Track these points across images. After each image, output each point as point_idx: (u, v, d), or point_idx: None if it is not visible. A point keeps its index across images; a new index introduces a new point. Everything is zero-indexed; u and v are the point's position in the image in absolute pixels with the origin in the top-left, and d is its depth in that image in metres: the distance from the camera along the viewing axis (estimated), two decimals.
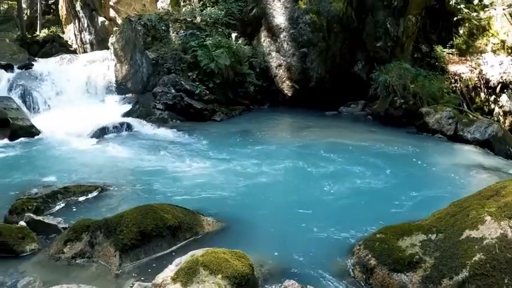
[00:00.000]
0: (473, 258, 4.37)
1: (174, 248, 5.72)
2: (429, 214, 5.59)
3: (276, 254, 5.60)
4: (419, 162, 10.08)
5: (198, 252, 4.72)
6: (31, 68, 17.87)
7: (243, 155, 10.39)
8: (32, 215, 6.47)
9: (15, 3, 30.09)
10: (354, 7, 16.53)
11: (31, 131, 12.92)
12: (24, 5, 30.99)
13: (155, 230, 5.61)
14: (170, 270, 4.58)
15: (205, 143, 11.74)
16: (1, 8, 34.09)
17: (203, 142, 11.81)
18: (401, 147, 11.56)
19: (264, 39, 17.16)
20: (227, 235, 6.17)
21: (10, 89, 16.09)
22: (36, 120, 13.76)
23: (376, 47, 16.37)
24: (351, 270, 5.25)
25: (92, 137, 12.62)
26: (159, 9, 20.29)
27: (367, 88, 15.75)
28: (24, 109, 14.84)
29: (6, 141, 12.39)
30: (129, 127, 13.39)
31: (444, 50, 16.49)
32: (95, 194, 7.85)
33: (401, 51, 16.45)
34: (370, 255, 5.10)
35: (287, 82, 16.68)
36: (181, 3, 19.15)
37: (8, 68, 17.71)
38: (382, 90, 14.85)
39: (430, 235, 4.99)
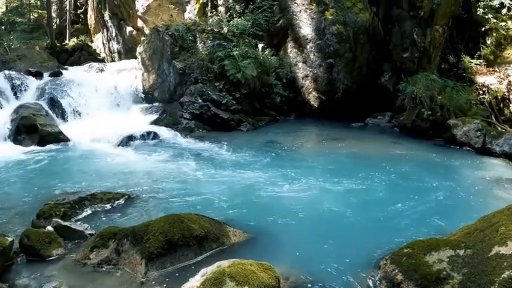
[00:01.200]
0: (502, 276, 4.30)
1: (200, 258, 5.73)
2: (457, 229, 5.53)
3: (301, 266, 5.57)
4: (446, 176, 9.90)
5: (225, 263, 4.73)
6: (60, 76, 18.16)
7: (269, 165, 10.38)
8: (59, 220, 6.56)
9: (45, 12, 30.55)
10: (380, 18, 16.52)
11: (59, 138, 13.14)
12: (53, 14, 31.47)
13: (181, 240, 5.64)
14: (196, 281, 4.60)
15: (232, 153, 11.74)
16: (31, 17, 34.56)
17: (229, 152, 11.82)
18: (428, 160, 11.43)
19: (291, 49, 17.14)
20: (253, 246, 6.16)
21: (39, 96, 16.34)
22: (64, 127, 13.92)
23: (402, 58, 16.28)
24: (377, 284, 5.21)
25: (119, 144, 12.78)
26: (187, 19, 20.39)
27: (394, 99, 15.58)
28: (53, 116, 15.06)
29: (34, 147, 12.64)
30: (156, 136, 13.52)
31: (472, 60, 16.33)
32: (121, 201, 7.92)
33: (428, 62, 16.34)
34: (396, 270, 5.05)
35: (313, 93, 16.61)
36: (209, 14, 19.23)
37: (38, 75, 18.04)
38: (409, 101, 14.72)
39: (458, 251, 4.92)
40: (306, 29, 16.47)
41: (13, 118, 13.75)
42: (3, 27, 31.49)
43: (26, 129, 13.15)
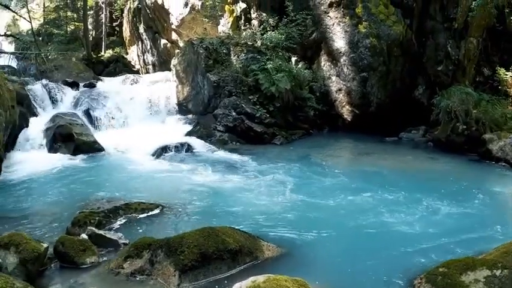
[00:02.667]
0: None
1: (233, 271, 5.72)
2: (493, 248, 5.44)
3: (335, 283, 5.55)
4: (482, 193, 9.70)
5: (260, 279, 4.71)
6: (96, 87, 18.48)
7: (303, 180, 10.35)
8: (93, 228, 6.63)
9: (82, 24, 31.02)
10: (414, 30, 16.39)
11: (94, 147, 13.36)
12: (90, 26, 31.93)
13: (216, 253, 5.65)
14: None
15: (265, 166, 11.72)
16: (68, 29, 35.12)
17: (263, 165, 11.80)
18: (463, 176, 11.26)
19: (324, 63, 17.10)
20: (287, 261, 6.13)
21: (75, 106, 16.67)
22: (99, 137, 14.12)
23: (437, 71, 16.14)
24: None
25: (153, 155, 12.90)
26: (220, 32, 20.54)
27: (428, 113, 15.44)
28: (88, 125, 15.29)
29: (70, 155, 12.87)
30: (189, 147, 13.62)
31: (507, 72, 15.99)
32: (155, 212, 8.00)
33: (462, 75, 16.14)
34: None
35: (347, 107, 16.53)
36: (242, 27, 19.32)
37: (74, 85, 18.37)
38: (444, 115, 14.54)
39: (494, 271, 4.85)
40: (340, 42, 16.43)
41: (49, 126, 13.98)
42: (41, 39, 32.00)
43: (62, 137, 13.38)
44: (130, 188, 9.56)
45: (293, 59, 16.82)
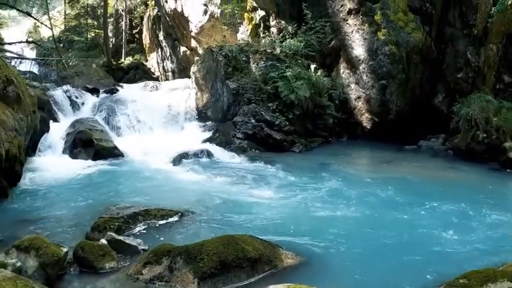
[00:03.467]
0: None
1: (252, 279, 5.69)
2: None
3: None
4: (502, 203, 9.55)
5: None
6: (116, 93, 18.64)
7: (322, 187, 10.27)
8: (113, 234, 6.62)
9: (102, 31, 31.30)
10: (433, 37, 16.27)
11: (114, 153, 13.47)
12: (110, 34, 32.22)
13: (235, 261, 5.63)
14: None
15: (284, 174, 11.65)
16: (88, 36, 35.44)
17: (282, 173, 11.74)
18: (483, 186, 11.11)
19: (343, 70, 17.04)
20: (306, 270, 6.08)
21: (96, 112, 16.84)
22: (119, 143, 14.22)
23: (456, 78, 16.02)
24: None
25: (172, 162, 12.91)
26: (239, 40, 20.61)
27: (448, 121, 15.32)
28: (108, 131, 15.39)
29: (90, 160, 12.99)
30: (208, 154, 13.65)
31: None
32: (174, 218, 7.96)
33: (482, 82, 16.01)
34: None
35: (366, 114, 16.47)
36: (261, 35, 19.38)
37: (95, 91, 18.56)
38: (464, 123, 14.37)
39: None
40: (359, 49, 16.37)
41: (70, 132, 14.15)
42: (61, 45, 32.32)
43: (82, 143, 13.53)
44: (150, 194, 9.56)
45: (312, 66, 16.78)
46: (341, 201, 9.23)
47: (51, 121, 14.88)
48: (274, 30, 19.06)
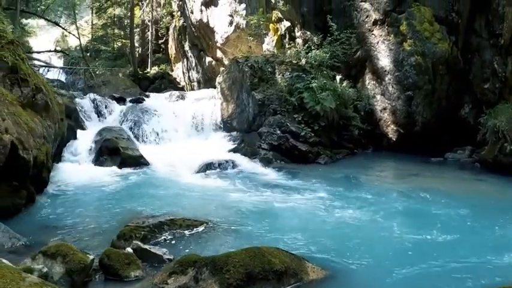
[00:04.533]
0: None
1: None
2: None
3: None
4: None
5: None
6: (142, 102, 18.80)
7: (348, 200, 10.12)
8: (139, 242, 6.63)
9: (128, 41, 31.65)
10: (459, 47, 16.08)
11: (140, 161, 13.53)
12: (136, 43, 32.54)
13: (261, 273, 5.57)
14: None
15: (310, 186, 11.52)
16: (115, 46, 35.83)
17: (307, 185, 11.61)
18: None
19: (369, 81, 16.95)
20: (331, 284, 6.02)
21: (122, 120, 17.06)
22: (144, 151, 14.28)
23: (483, 89, 15.74)
24: None
25: (197, 172, 12.93)
26: (265, 51, 20.65)
27: (475, 133, 15.12)
28: (134, 140, 15.56)
29: (115, 168, 13.06)
30: (234, 165, 13.60)
31: None
32: (200, 229, 7.92)
33: (509, 92, 15.57)
34: None
35: (392, 126, 16.33)
36: (286, 46, 19.40)
37: (121, 100, 18.75)
38: (491, 135, 14.06)
39: None
40: (384, 60, 16.28)
41: (96, 140, 14.29)
42: (89, 54, 32.74)
43: (109, 151, 13.63)
44: (175, 204, 9.57)
45: (338, 77, 16.72)
46: (368, 214, 9.11)
47: (78, 129, 15.08)
48: (299, 41, 19.07)
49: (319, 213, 9.22)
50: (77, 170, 12.64)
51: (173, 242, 7.35)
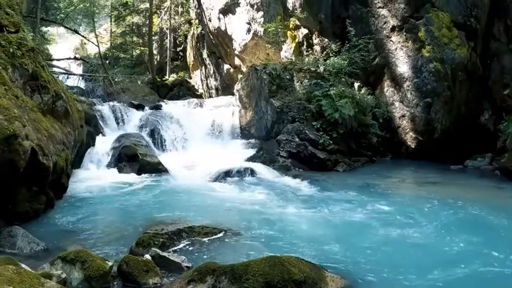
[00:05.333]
0: None
1: None
2: None
3: None
4: None
5: None
6: (160, 109, 18.90)
7: (368, 208, 10.01)
8: (157, 250, 6.62)
9: (147, 49, 31.86)
10: (478, 53, 15.95)
11: (158, 168, 13.58)
12: (154, 51, 32.80)
13: (280, 283, 5.51)
14: None
15: (328, 194, 11.45)
16: (134, 53, 36.10)
17: (326, 193, 11.54)
18: None
19: (387, 88, 16.88)
20: None
21: (141, 127, 17.18)
22: (163, 158, 14.37)
23: (503, 95, 15.62)
24: None
25: (216, 179, 12.91)
26: (283, 58, 20.66)
27: (495, 140, 14.93)
28: (153, 147, 15.66)
29: (134, 175, 13.13)
30: (252, 172, 13.53)
31: None
32: (218, 236, 7.88)
33: None
34: None
35: (410, 133, 16.24)
36: (304, 53, 19.40)
37: (140, 107, 18.91)
38: (511, 142, 14.02)
39: None
40: (403, 67, 16.22)
41: (115, 146, 14.43)
42: (108, 62, 33.01)
43: (127, 157, 13.75)
44: (193, 211, 9.54)
45: (356, 84, 16.70)
46: (388, 223, 8.97)
47: (97, 135, 15.19)
48: (317, 48, 19.07)
49: (338, 221, 9.13)
50: (96, 176, 12.73)
51: (192, 249, 7.31)
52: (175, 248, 7.28)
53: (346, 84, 16.61)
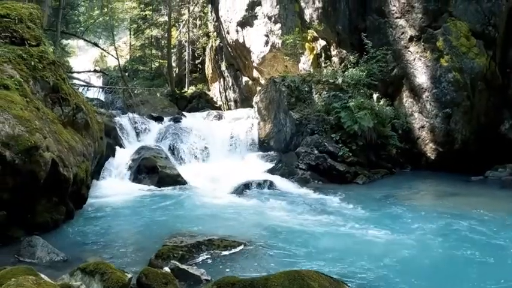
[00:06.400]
0: None
1: None
2: None
3: None
4: None
5: None
6: (180, 121, 18.94)
7: (387, 221, 9.93)
8: (177, 262, 6.61)
9: (166, 61, 32.07)
10: (497, 61, 15.73)
11: (177, 180, 13.65)
12: (173, 64, 33.00)
13: None
14: None
15: (349, 206, 11.34)
16: (153, 66, 36.36)
17: (347, 205, 11.43)
18: None
19: (406, 99, 16.74)
20: None
21: (160, 139, 17.25)
22: (182, 170, 14.41)
23: None
24: None
25: (235, 191, 12.86)
26: (301, 70, 20.67)
27: None
28: (172, 159, 15.67)
29: (153, 187, 13.21)
30: (271, 185, 13.51)
31: None
32: (237, 249, 7.85)
33: None
34: None
35: (430, 144, 16.06)
36: (323, 65, 19.35)
37: (159, 119, 19.00)
38: None
39: None
40: (421, 77, 16.08)
41: (135, 158, 14.53)
42: (127, 74, 33.30)
43: (147, 169, 13.86)
44: (212, 223, 9.55)
45: (375, 95, 16.60)
46: (409, 236, 8.88)
47: (116, 147, 15.31)
48: (335, 59, 19.05)
49: (358, 235, 9.03)
50: (116, 187, 12.84)
51: (211, 262, 7.30)
52: (195, 260, 7.28)
53: (364, 95, 16.53)
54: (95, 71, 29.92)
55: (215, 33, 29.40)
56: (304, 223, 9.78)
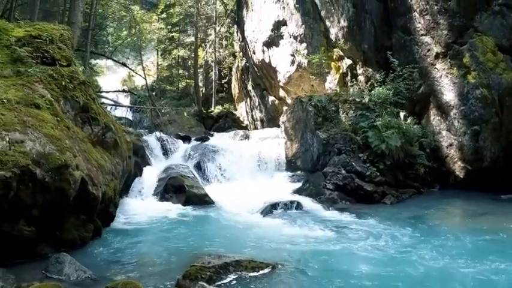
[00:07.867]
0: None
1: None
2: None
3: None
4: None
5: None
6: (207, 141, 19.07)
7: (416, 242, 9.79)
8: (204, 284, 6.61)
9: (193, 81, 32.35)
10: None
11: (204, 200, 13.70)
12: (200, 83, 33.29)
13: None
14: None
15: (378, 228, 11.13)
16: (179, 86, 36.70)
17: (375, 227, 11.24)
18: None
19: (433, 117, 16.60)
20: None
21: (187, 158, 17.36)
22: (209, 190, 14.43)
23: None
24: None
25: (262, 212, 12.78)
26: (327, 89, 20.65)
27: None
28: (199, 178, 15.72)
29: (180, 206, 13.24)
30: (298, 205, 13.41)
31: None
32: (265, 271, 7.77)
33: None
34: None
35: (459, 163, 15.86)
36: (349, 84, 19.32)
37: (186, 139, 19.19)
38: None
39: None
40: (448, 94, 15.93)
41: (162, 177, 14.65)
42: (154, 94, 33.65)
43: (174, 188, 13.90)
44: (240, 244, 9.54)
45: (402, 114, 16.48)
46: (440, 257, 8.75)
47: (144, 166, 15.48)
48: (361, 78, 19.02)
49: (387, 256, 8.92)
50: (143, 206, 12.90)
51: (238, 284, 7.25)
52: (222, 282, 7.23)
53: (391, 114, 16.42)
54: (123, 91, 30.33)
55: (241, 53, 29.58)
56: (331, 245, 9.68)
